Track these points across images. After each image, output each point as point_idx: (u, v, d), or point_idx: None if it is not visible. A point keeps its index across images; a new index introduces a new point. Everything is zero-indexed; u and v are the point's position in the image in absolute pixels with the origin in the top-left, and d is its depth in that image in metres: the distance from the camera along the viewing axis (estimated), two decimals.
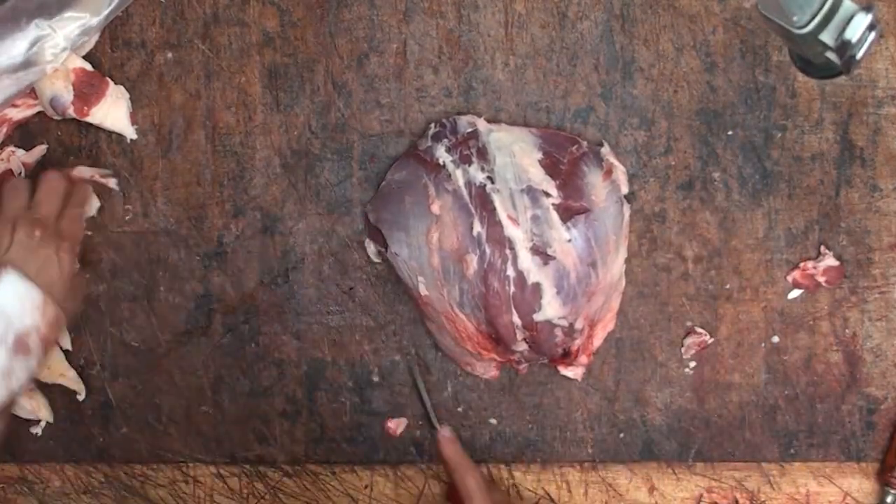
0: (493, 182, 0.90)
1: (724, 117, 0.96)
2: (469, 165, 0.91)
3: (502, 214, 0.89)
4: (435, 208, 0.91)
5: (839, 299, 0.97)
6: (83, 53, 0.94)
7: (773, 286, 0.97)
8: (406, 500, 0.99)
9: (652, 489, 0.99)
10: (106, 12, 0.91)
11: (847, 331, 0.97)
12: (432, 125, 0.94)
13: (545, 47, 0.96)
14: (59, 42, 0.90)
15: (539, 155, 0.92)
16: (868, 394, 0.98)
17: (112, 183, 0.96)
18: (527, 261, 0.90)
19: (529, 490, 0.99)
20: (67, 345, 0.97)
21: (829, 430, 0.98)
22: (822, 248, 0.97)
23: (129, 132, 0.96)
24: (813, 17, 0.69)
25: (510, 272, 0.89)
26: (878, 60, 0.96)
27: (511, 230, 0.89)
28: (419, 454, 0.98)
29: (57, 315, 0.85)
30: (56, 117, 0.95)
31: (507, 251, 0.89)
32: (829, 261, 0.96)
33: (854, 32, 0.70)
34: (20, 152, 0.96)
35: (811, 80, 0.95)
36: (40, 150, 0.96)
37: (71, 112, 0.93)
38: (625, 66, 0.96)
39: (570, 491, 0.99)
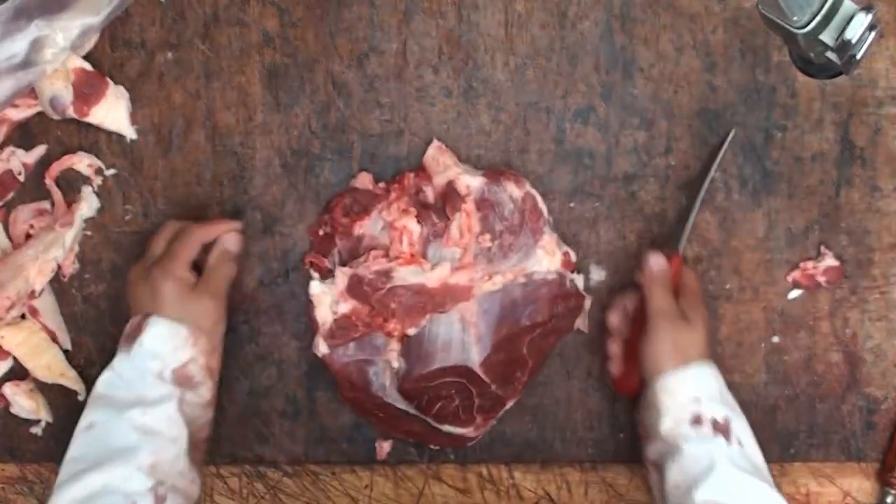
0: None
1: (724, 117, 0.96)
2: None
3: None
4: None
5: (839, 299, 0.97)
6: (83, 53, 0.94)
7: (773, 286, 0.97)
8: (406, 500, 0.99)
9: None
10: (106, 12, 0.91)
11: (847, 331, 0.97)
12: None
13: (545, 47, 0.96)
14: (59, 42, 0.90)
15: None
16: (868, 394, 0.98)
17: (108, 173, 0.96)
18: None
19: (529, 490, 0.99)
20: (67, 345, 0.97)
21: (829, 430, 0.98)
22: (822, 248, 0.97)
23: (129, 132, 0.96)
24: (813, 17, 0.69)
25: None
26: (878, 60, 0.96)
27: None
28: (419, 454, 0.98)
29: (210, 343, 0.88)
30: (56, 117, 0.94)
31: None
32: (829, 261, 0.96)
33: (854, 32, 0.70)
34: (20, 152, 0.96)
35: (811, 80, 0.95)
36: (40, 150, 0.97)
37: (71, 112, 0.93)
38: (625, 66, 0.96)
39: (570, 491, 0.98)
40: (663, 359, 0.86)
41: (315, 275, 0.95)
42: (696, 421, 0.84)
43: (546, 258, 0.93)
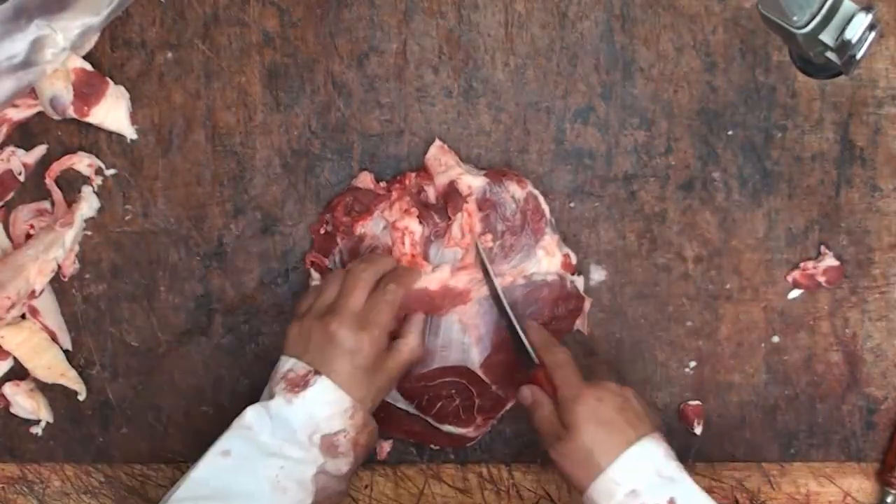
0: None
1: (724, 117, 0.96)
2: None
3: None
4: None
5: (839, 299, 0.97)
6: (83, 53, 0.94)
7: (773, 286, 0.97)
8: (406, 500, 0.99)
9: None
10: (106, 12, 0.91)
11: (847, 331, 0.97)
12: None
13: (545, 47, 0.96)
14: (59, 42, 0.90)
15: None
16: (868, 394, 0.98)
17: (108, 173, 0.96)
18: None
19: (529, 490, 0.99)
20: (67, 345, 0.97)
21: (829, 430, 0.98)
22: (822, 248, 0.97)
23: (129, 132, 0.96)
24: (813, 17, 0.69)
25: None
26: (878, 60, 0.96)
27: None
28: (419, 454, 0.98)
29: (365, 420, 0.84)
30: (56, 117, 0.94)
31: None
32: (829, 261, 0.96)
33: (854, 32, 0.70)
34: (20, 152, 0.96)
35: (811, 80, 0.95)
36: (40, 150, 0.97)
37: (71, 112, 0.93)
38: (625, 66, 0.96)
39: (570, 491, 0.98)
40: (577, 480, 0.83)
41: (315, 275, 0.95)
42: None
43: (546, 259, 0.93)
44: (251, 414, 0.82)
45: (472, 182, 0.93)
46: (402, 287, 0.88)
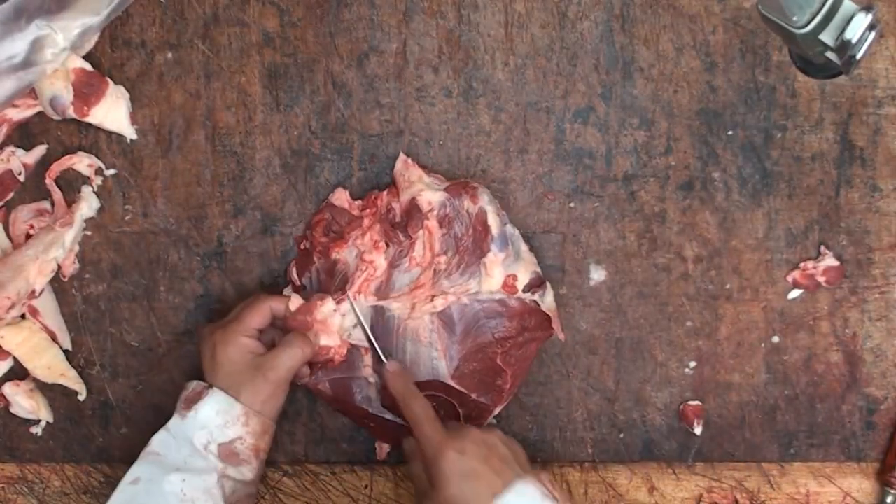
0: None
1: (724, 117, 0.96)
2: None
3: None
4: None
5: (839, 299, 0.97)
6: (83, 53, 0.94)
7: (773, 286, 0.97)
8: (406, 500, 0.99)
9: (652, 489, 0.99)
10: (106, 12, 0.91)
11: (847, 331, 0.97)
12: None
13: (545, 47, 0.96)
14: (59, 42, 0.90)
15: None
16: (868, 394, 0.98)
17: (108, 173, 0.96)
18: None
19: None
20: (67, 345, 0.97)
21: (829, 430, 0.98)
22: (822, 248, 0.97)
23: (129, 132, 0.96)
24: (813, 17, 0.69)
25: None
26: (878, 60, 0.96)
27: None
28: None
29: (262, 425, 0.87)
30: (56, 117, 0.94)
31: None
32: (829, 261, 0.96)
33: (854, 32, 0.70)
34: (20, 152, 0.96)
35: (811, 80, 0.95)
36: (40, 150, 0.96)
37: (71, 112, 0.93)
38: (625, 66, 0.96)
39: (570, 491, 0.98)
40: None
41: (287, 290, 0.95)
42: None
43: (487, 279, 0.92)
44: (156, 440, 0.86)
45: (432, 198, 0.92)
46: (271, 299, 0.90)
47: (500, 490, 0.81)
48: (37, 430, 0.98)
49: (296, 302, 0.91)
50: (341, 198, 0.95)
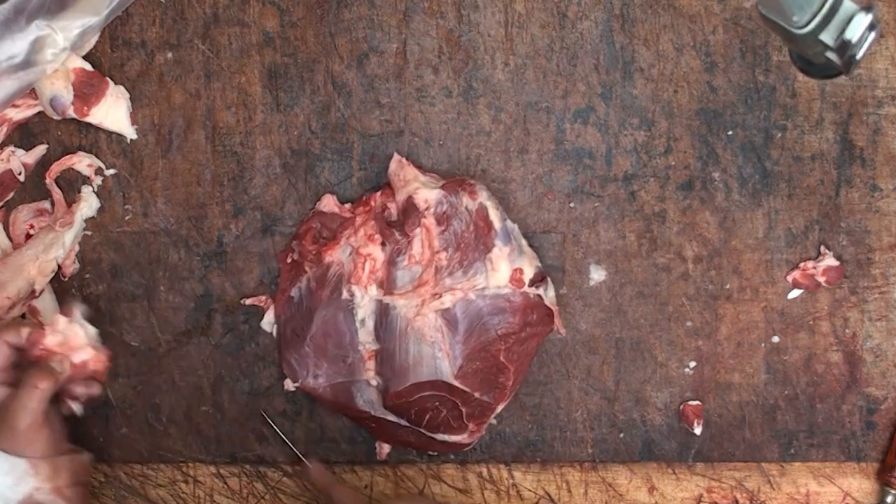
0: None
1: (724, 117, 0.96)
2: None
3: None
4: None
5: (839, 299, 0.97)
6: (83, 53, 0.94)
7: (773, 286, 0.97)
8: (406, 499, 0.99)
9: (652, 489, 0.99)
10: (106, 12, 0.91)
11: (847, 331, 0.97)
12: None
13: (545, 47, 0.96)
14: (59, 42, 0.90)
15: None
16: (868, 394, 0.98)
17: (108, 173, 0.96)
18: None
19: (529, 490, 0.99)
20: None
21: (829, 430, 0.98)
22: (822, 248, 0.97)
23: (129, 132, 0.96)
24: (813, 17, 0.69)
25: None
26: (878, 60, 0.96)
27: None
28: (419, 454, 0.98)
29: (52, 466, 0.83)
30: (56, 117, 0.94)
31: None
32: (829, 261, 0.96)
33: (854, 32, 0.70)
34: (20, 152, 0.96)
35: (811, 80, 0.95)
36: (40, 150, 0.96)
37: (71, 112, 0.93)
38: (625, 66, 0.96)
39: (570, 491, 0.99)
40: None
41: (269, 317, 0.95)
42: None
43: (493, 274, 0.92)
44: None
45: (428, 196, 0.92)
46: (4, 333, 0.85)
47: None
48: None
49: (26, 329, 0.85)
50: (329, 203, 0.94)
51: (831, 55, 0.72)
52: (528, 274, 0.92)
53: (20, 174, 0.96)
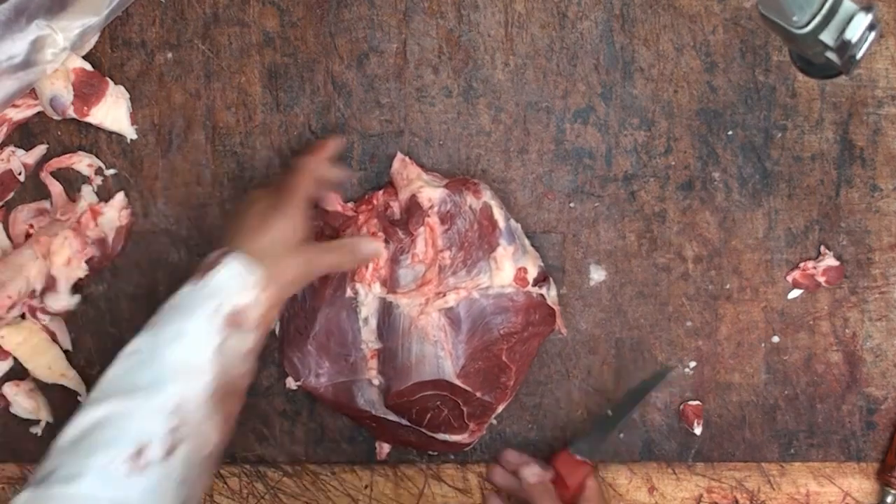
0: None
1: (724, 117, 0.96)
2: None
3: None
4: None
5: (839, 299, 0.97)
6: (83, 53, 0.94)
7: (773, 286, 0.97)
8: (406, 500, 0.99)
9: (652, 489, 0.99)
10: (106, 12, 0.91)
11: (847, 331, 0.97)
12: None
13: (545, 47, 0.96)
14: (59, 42, 0.90)
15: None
16: (868, 394, 0.98)
17: (108, 173, 0.96)
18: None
19: None
20: (67, 345, 0.97)
21: (829, 430, 0.98)
22: (822, 248, 0.97)
23: (129, 132, 0.96)
24: (813, 17, 0.69)
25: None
26: (878, 60, 0.96)
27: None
28: (419, 454, 0.98)
29: (277, 299, 0.83)
30: (56, 117, 0.95)
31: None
32: (829, 261, 0.96)
33: (854, 32, 0.70)
34: (20, 152, 0.96)
35: (811, 80, 0.95)
36: (40, 150, 0.96)
37: (71, 112, 0.93)
38: (625, 66, 0.96)
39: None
40: None
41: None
42: None
43: (497, 273, 0.92)
44: (169, 300, 0.82)
45: (432, 195, 0.92)
46: (318, 160, 0.89)
47: None
48: (37, 430, 0.98)
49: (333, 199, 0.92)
50: (332, 202, 0.94)
51: (831, 55, 0.72)
52: (532, 273, 0.92)
53: (20, 174, 0.96)
